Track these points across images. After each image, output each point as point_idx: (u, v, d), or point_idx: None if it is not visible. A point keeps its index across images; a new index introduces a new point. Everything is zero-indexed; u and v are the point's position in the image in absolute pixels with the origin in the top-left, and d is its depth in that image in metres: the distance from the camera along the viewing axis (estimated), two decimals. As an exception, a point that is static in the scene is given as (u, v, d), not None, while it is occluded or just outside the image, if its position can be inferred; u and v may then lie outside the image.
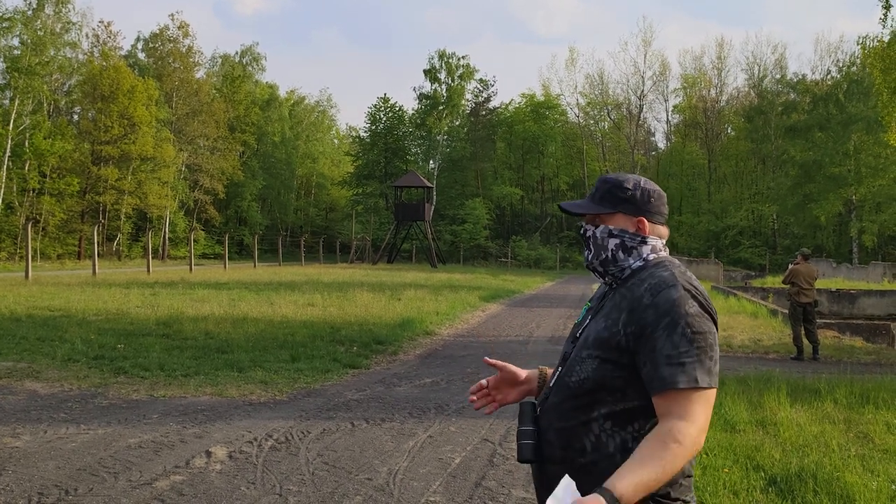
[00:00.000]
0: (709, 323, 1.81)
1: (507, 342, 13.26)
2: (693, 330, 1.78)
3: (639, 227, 1.98)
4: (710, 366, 1.77)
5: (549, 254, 57.64)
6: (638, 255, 1.97)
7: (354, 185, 66.22)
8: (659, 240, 2.00)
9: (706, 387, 1.75)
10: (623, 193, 1.99)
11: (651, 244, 1.98)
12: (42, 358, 9.68)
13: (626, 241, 1.97)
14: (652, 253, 1.98)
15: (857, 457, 5.71)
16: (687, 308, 1.80)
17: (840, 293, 24.09)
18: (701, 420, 1.73)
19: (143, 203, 47.88)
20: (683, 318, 1.79)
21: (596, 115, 70.12)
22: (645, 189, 2.00)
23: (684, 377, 1.74)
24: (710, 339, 1.79)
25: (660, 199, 2.02)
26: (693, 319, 1.79)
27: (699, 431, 1.72)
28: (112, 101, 44.93)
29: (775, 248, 55.00)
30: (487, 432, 6.56)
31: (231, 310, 15.52)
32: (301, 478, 5.14)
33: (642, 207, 1.99)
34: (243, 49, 66.17)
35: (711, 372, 1.77)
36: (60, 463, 5.36)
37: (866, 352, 12.91)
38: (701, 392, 1.74)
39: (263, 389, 8.28)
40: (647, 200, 1.99)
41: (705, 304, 1.85)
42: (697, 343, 1.77)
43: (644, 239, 1.97)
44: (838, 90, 51.09)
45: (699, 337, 1.78)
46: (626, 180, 2.01)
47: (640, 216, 1.98)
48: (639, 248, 1.97)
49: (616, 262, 1.98)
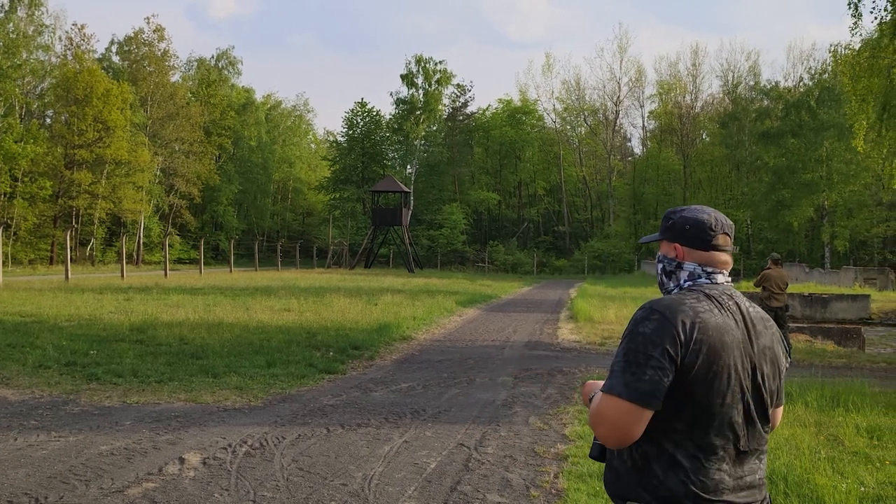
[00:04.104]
0: (654, 346, 1.90)
1: (484, 347, 13.27)
2: (631, 346, 1.93)
3: (676, 252, 2.15)
4: (629, 380, 1.89)
5: (526, 259, 57.84)
6: (676, 279, 2.14)
7: (331, 189, 66.00)
8: (700, 266, 2.11)
9: (615, 394, 1.90)
10: (667, 222, 2.19)
11: (689, 270, 2.12)
12: (12, 364, 9.55)
13: (667, 266, 2.17)
14: (689, 279, 2.10)
15: (828, 459, 5.78)
16: (638, 327, 1.95)
17: (812, 297, 24.36)
18: (609, 421, 1.91)
19: (117, 207, 47.35)
20: (630, 334, 1.96)
21: (573, 120, 70.54)
22: (684, 217, 2.15)
23: (607, 382, 1.95)
24: (641, 358, 1.90)
25: (698, 226, 2.13)
26: (637, 337, 1.93)
27: (606, 429, 1.92)
28: (86, 104, 44.39)
29: (749, 253, 55.52)
30: (463, 437, 6.57)
31: (206, 315, 15.39)
32: (275, 484, 5.12)
33: (678, 234, 2.14)
34: (219, 53, 65.98)
35: (629, 386, 1.89)
36: (30, 471, 5.29)
37: (837, 355, 13.06)
38: (612, 398, 1.91)
39: (238, 395, 8.23)
40: (684, 227, 2.14)
41: (669, 327, 1.91)
42: (627, 358, 1.92)
43: (680, 264, 2.13)
44: (810, 97, 51.77)
45: (631, 352, 1.92)
46: (674, 211, 2.21)
47: (675, 242, 2.15)
48: (677, 273, 2.14)
49: (663, 285, 2.19)
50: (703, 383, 1.91)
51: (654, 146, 69.41)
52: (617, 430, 1.90)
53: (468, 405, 8.05)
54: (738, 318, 2.01)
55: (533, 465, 5.75)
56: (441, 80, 63.46)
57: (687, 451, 1.92)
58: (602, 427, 1.92)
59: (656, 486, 1.93)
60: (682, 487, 1.91)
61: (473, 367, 10.77)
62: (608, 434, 1.91)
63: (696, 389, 1.91)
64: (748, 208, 56.11)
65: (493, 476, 5.44)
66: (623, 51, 68.16)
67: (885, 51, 15.46)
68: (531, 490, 5.14)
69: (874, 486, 5.16)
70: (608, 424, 1.91)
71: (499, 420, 7.31)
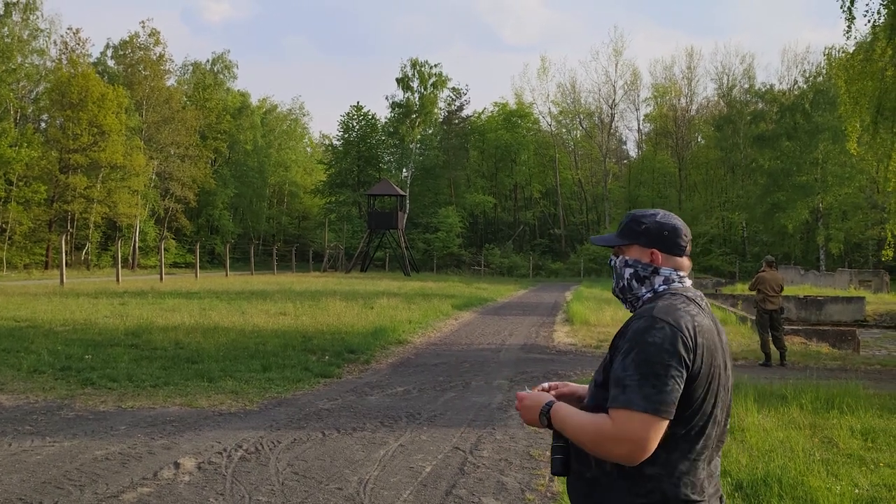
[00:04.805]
0: (669, 355, 1.87)
1: (480, 350, 13.28)
2: (643, 358, 1.88)
3: (652, 257, 2.11)
4: (650, 392, 1.84)
5: (522, 262, 57.85)
6: (650, 284, 2.11)
7: (327, 193, 66.00)
8: (674, 271, 2.11)
9: (639, 410, 1.83)
10: (638, 227, 2.15)
11: (664, 275, 2.11)
12: (7, 369, 9.53)
13: (640, 271, 2.12)
14: (664, 284, 2.10)
15: (822, 461, 5.80)
16: (647, 337, 1.90)
17: (807, 300, 24.44)
18: (632, 438, 1.83)
19: (112, 212, 47.30)
20: (639, 345, 1.90)
21: (568, 123, 70.54)
22: (660, 222, 2.14)
23: (622, 397, 1.86)
24: (659, 369, 1.86)
25: (675, 231, 2.13)
26: (648, 347, 1.89)
27: (629, 448, 1.84)
28: (81, 108, 44.36)
29: (745, 256, 55.68)
30: (459, 441, 6.57)
31: (202, 319, 15.38)
32: (271, 488, 5.12)
33: (655, 239, 2.12)
34: (214, 57, 65.86)
35: (651, 399, 1.84)
36: (25, 476, 5.28)
37: (832, 357, 13.09)
38: (633, 413, 1.84)
39: (234, 399, 8.22)
40: (661, 233, 2.12)
41: (679, 335, 1.90)
42: (641, 370, 1.87)
43: (656, 269, 2.11)
44: (805, 100, 51.96)
45: (645, 364, 1.87)
46: (644, 215, 2.17)
47: (652, 248, 2.12)
48: (651, 278, 2.11)
49: (631, 290, 2.14)
50: (702, 386, 1.92)
51: (650, 149, 69.58)
52: (640, 447, 1.84)
53: (464, 409, 8.05)
54: (711, 318, 2.04)
55: (528, 469, 5.76)
56: (436, 83, 63.51)
57: (682, 453, 1.93)
58: (624, 446, 1.84)
59: (650, 492, 1.91)
60: (674, 490, 1.91)
61: (469, 371, 10.77)
62: (631, 452, 1.84)
63: (697, 393, 1.92)
64: (743, 211, 56.29)
65: (488, 479, 5.44)
66: (618, 54, 67.97)
67: (878, 53, 15.51)
68: (526, 493, 5.15)
69: (868, 488, 5.18)
70: (632, 442, 1.83)
71: (494, 423, 7.31)
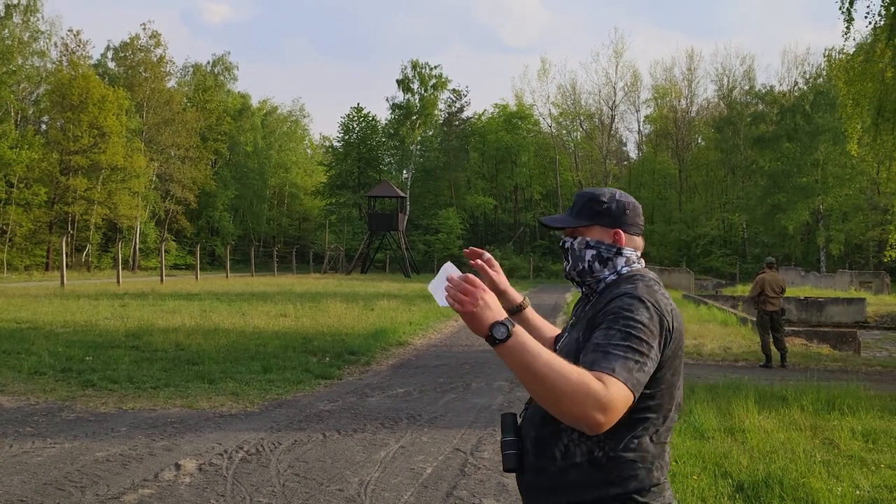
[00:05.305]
0: (652, 337, 1.81)
1: (480, 352, 13.27)
2: (632, 333, 1.78)
3: (615, 238, 2.02)
4: (633, 367, 1.73)
5: (522, 263, 57.81)
6: (613, 266, 2.02)
7: (327, 194, 66.02)
8: (634, 252, 2.05)
9: (621, 380, 1.69)
10: (599, 206, 2.05)
11: (626, 255, 2.02)
12: (8, 371, 9.53)
13: (603, 252, 2.02)
14: (626, 266, 2.02)
15: (823, 463, 5.80)
16: (634, 314, 1.82)
17: (808, 301, 24.42)
18: (617, 409, 1.68)
19: (113, 213, 47.33)
20: (624, 318, 1.81)
21: (568, 125, 70.53)
22: (620, 201, 2.05)
23: (605, 363, 1.72)
24: (644, 347, 1.77)
25: (635, 210, 2.06)
26: (636, 324, 1.80)
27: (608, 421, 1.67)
28: (82, 110, 44.40)
29: (745, 257, 55.65)
30: (459, 442, 6.57)
31: (202, 321, 15.38)
32: (272, 489, 5.11)
33: (618, 219, 2.03)
34: (215, 59, 65.99)
35: (631, 372, 1.72)
36: (26, 477, 5.28)
37: (833, 359, 13.09)
38: (622, 385, 1.70)
39: (234, 401, 8.22)
40: (623, 212, 2.04)
41: (663, 319, 1.86)
42: (630, 344, 1.76)
43: (620, 250, 2.02)
44: (805, 101, 51.97)
45: (632, 338, 1.77)
46: (602, 193, 2.07)
47: (616, 228, 2.03)
48: (614, 260, 2.02)
49: (592, 272, 2.03)
50: (670, 368, 1.88)
51: (650, 150, 69.58)
52: (613, 421, 1.68)
53: (464, 410, 8.05)
54: None
55: (529, 470, 5.75)
56: (437, 84, 63.57)
57: (652, 437, 1.88)
58: (608, 415, 1.65)
59: (624, 479, 1.84)
60: (647, 474, 1.85)
61: (469, 372, 10.77)
62: (606, 423, 1.66)
63: (667, 375, 1.88)
64: (743, 212, 56.26)
65: (489, 481, 5.44)
66: (619, 55, 67.94)
67: (878, 55, 15.51)
68: (527, 495, 5.13)
69: (869, 489, 5.18)
70: (615, 413, 1.67)
71: (495, 425, 7.30)
